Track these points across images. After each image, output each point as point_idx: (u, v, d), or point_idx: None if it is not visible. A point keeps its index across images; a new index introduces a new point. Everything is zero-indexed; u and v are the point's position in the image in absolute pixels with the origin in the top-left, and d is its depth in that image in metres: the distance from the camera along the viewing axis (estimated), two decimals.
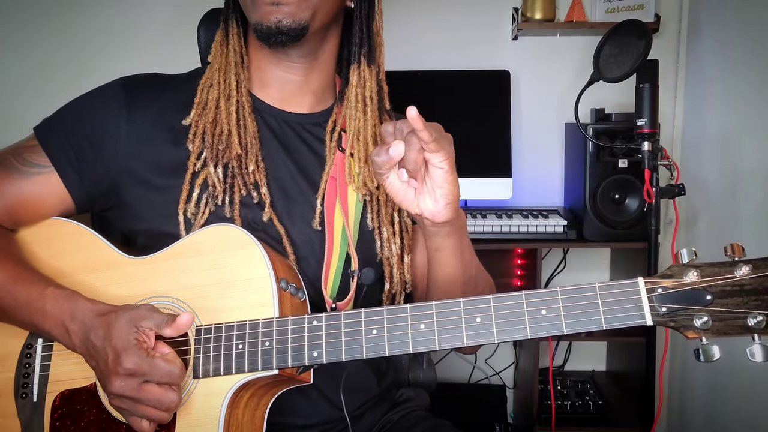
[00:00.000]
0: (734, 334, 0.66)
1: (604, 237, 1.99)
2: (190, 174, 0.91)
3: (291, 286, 0.83)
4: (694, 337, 0.67)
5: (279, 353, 0.78)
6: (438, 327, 0.74)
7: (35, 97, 2.21)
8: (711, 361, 0.66)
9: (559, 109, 2.31)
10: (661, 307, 0.68)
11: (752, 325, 0.65)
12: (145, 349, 0.77)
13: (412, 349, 0.74)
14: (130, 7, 2.29)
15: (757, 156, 1.78)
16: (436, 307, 0.74)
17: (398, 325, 0.75)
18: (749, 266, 0.66)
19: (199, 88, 0.95)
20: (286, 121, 0.98)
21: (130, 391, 0.75)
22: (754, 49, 1.82)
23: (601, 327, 0.69)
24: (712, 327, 0.66)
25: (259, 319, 0.80)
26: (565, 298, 0.70)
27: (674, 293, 0.68)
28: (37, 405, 0.86)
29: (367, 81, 0.97)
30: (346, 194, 0.97)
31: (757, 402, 1.74)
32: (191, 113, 0.93)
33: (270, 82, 0.97)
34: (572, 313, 0.70)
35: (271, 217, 0.92)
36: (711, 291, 0.67)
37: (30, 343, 0.89)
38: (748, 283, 0.65)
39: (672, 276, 0.68)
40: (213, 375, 0.80)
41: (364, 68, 0.97)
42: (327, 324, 0.77)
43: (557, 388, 2.17)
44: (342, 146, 0.98)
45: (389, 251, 0.98)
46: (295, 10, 0.87)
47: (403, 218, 1.01)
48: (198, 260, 0.85)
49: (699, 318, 0.66)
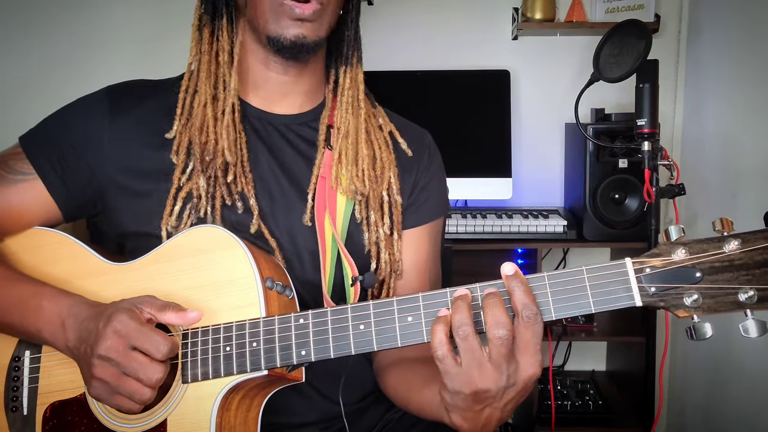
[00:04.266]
0: (726, 310, 0.65)
1: (604, 237, 1.99)
2: (175, 189, 0.90)
3: (277, 285, 0.82)
4: (685, 315, 0.66)
5: (267, 353, 0.77)
6: (425, 319, 0.73)
7: (34, 99, 2.21)
8: (703, 339, 0.65)
9: (559, 109, 2.31)
10: (650, 287, 0.66)
11: (744, 300, 0.64)
12: (138, 316, 0.76)
13: (401, 343, 0.73)
14: (133, 5, 2.29)
15: (757, 156, 1.78)
16: (422, 299, 0.73)
17: (385, 319, 0.74)
18: (738, 240, 0.64)
19: (180, 95, 0.93)
20: (271, 123, 0.97)
21: (115, 353, 0.74)
22: (754, 49, 1.82)
23: (590, 310, 0.68)
24: (702, 304, 0.65)
25: (246, 320, 0.79)
26: (553, 282, 0.69)
27: (663, 272, 0.66)
28: (27, 418, 0.85)
29: (360, 84, 0.98)
30: (335, 197, 0.96)
31: (757, 402, 1.74)
32: (174, 125, 0.92)
33: (260, 83, 0.96)
34: (560, 297, 0.69)
35: (259, 228, 0.91)
36: (700, 268, 0.65)
37: (17, 356, 0.88)
38: (737, 258, 0.64)
39: (660, 255, 0.67)
40: (202, 379, 0.79)
41: (358, 72, 0.98)
42: (314, 321, 0.76)
43: (557, 388, 2.17)
44: (330, 144, 0.98)
45: (376, 234, 0.97)
46: (318, 27, 0.88)
47: (392, 195, 0.99)
48: (182, 263, 0.84)
49: (689, 296, 0.65)
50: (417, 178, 1.03)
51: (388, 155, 0.99)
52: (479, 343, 0.68)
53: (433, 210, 1.05)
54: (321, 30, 0.89)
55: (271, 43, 0.88)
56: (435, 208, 1.05)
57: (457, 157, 2.14)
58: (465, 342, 0.67)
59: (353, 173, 0.95)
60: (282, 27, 0.87)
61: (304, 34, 0.87)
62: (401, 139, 1.02)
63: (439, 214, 1.07)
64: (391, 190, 0.99)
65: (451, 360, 0.68)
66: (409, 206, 1.02)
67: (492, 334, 0.66)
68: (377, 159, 0.98)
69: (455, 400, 0.70)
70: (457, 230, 1.98)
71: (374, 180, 0.97)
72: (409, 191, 1.03)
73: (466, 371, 0.68)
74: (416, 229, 1.03)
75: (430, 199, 1.04)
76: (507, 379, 0.68)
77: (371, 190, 0.96)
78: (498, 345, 0.66)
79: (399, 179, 1.00)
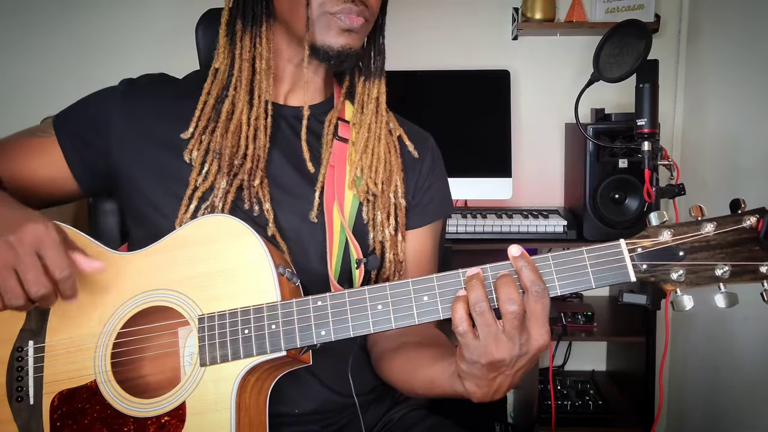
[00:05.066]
0: (705, 284, 0.74)
1: (604, 237, 1.98)
2: (191, 189, 0.92)
3: (287, 271, 0.84)
4: (671, 289, 0.74)
5: (286, 335, 0.80)
6: (441, 297, 0.77)
7: (34, 97, 2.21)
8: (683, 310, 0.73)
9: (559, 109, 2.31)
10: (642, 264, 0.75)
11: (719, 275, 0.73)
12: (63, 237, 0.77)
13: (418, 320, 0.77)
14: (132, 5, 2.29)
15: (757, 156, 1.78)
16: (437, 279, 0.78)
17: (402, 299, 0.78)
18: (714, 224, 0.74)
19: (202, 98, 0.95)
20: (282, 115, 0.99)
21: (21, 246, 0.74)
22: (754, 48, 1.82)
23: (591, 286, 0.75)
24: (686, 279, 0.74)
25: (263, 304, 0.81)
26: (557, 262, 0.76)
27: (652, 251, 0.75)
28: (34, 408, 0.86)
29: (382, 94, 1.02)
30: (343, 186, 0.98)
31: (757, 402, 1.74)
32: (190, 128, 0.94)
33: (282, 78, 0.99)
34: (564, 275, 0.76)
35: (274, 234, 0.93)
36: (683, 248, 0.74)
37: (20, 346, 0.88)
38: (713, 239, 0.74)
39: (649, 236, 0.76)
40: (221, 361, 0.81)
41: (383, 80, 1.02)
42: (332, 303, 0.79)
43: (557, 388, 2.17)
44: (339, 135, 1.00)
45: (382, 234, 1.00)
46: (362, 37, 0.94)
47: (398, 198, 1.01)
48: (192, 252, 0.85)
49: (675, 272, 0.74)
50: (420, 180, 1.05)
51: (396, 159, 1.02)
52: (494, 318, 0.73)
53: (436, 211, 1.07)
54: (363, 39, 0.95)
55: (317, 52, 0.92)
56: (438, 210, 1.08)
57: (457, 157, 2.13)
58: (481, 317, 0.73)
59: (367, 175, 0.98)
60: (330, 37, 0.91)
61: (351, 44, 0.91)
62: (409, 142, 1.05)
63: (441, 215, 1.10)
64: (397, 193, 1.01)
65: (471, 334, 0.73)
66: (412, 207, 1.04)
67: (505, 309, 0.72)
68: (387, 162, 1.01)
69: (472, 369, 0.75)
70: (457, 230, 1.98)
71: (386, 182, 1.00)
72: (412, 192, 1.04)
73: (483, 343, 0.73)
74: (419, 229, 1.05)
75: (433, 200, 1.06)
76: (520, 348, 0.73)
77: (381, 192, 0.99)
78: (511, 319, 0.72)
79: (404, 182, 1.02)
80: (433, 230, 1.08)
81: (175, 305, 0.84)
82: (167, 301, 0.84)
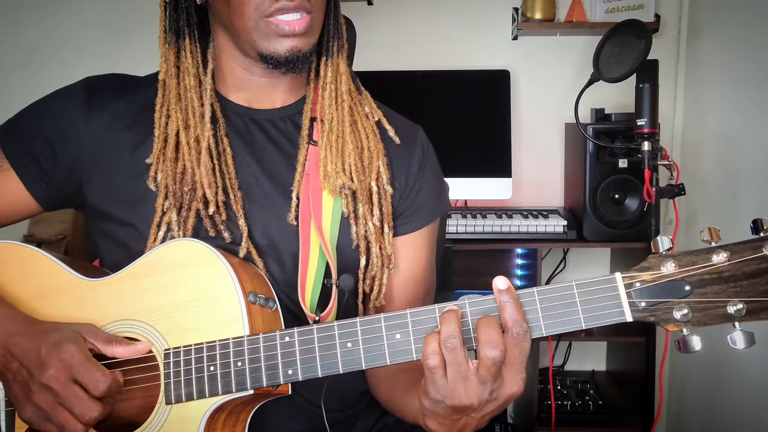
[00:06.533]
0: (715, 323, 0.65)
1: (604, 237, 1.99)
2: (158, 216, 0.87)
3: (260, 298, 0.80)
4: (675, 329, 0.66)
5: (252, 373, 0.75)
6: (414, 336, 0.71)
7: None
8: (692, 352, 0.65)
9: (559, 109, 2.31)
10: (641, 302, 0.66)
11: (732, 312, 0.64)
12: (84, 348, 0.75)
13: (390, 361, 0.72)
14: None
15: (757, 156, 1.78)
16: (410, 315, 0.72)
17: (373, 337, 0.72)
18: (726, 252, 0.64)
19: (156, 115, 0.89)
20: (253, 119, 0.94)
21: (57, 383, 0.73)
22: (754, 49, 1.82)
23: (581, 326, 0.67)
24: (692, 318, 0.65)
25: (229, 339, 0.77)
26: (543, 298, 0.68)
27: (653, 286, 0.66)
28: None
29: (342, 75, 0.93)
30: (320, 196, 0.92)
31: (757, 402, 1.74)
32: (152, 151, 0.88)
33: (241, 86, 0.93)
34: (550, 314, 0.68)
35: (249, 251, 0.88)
36: (689, 281, 0.65)
37: None
38: (726, 269, 0.64)
39: (650, 268, 0.66)
40: (186, 400, 0.77)
41: (339, 62, 0.93)
42: (300, 339, 0.74)
43: (557, 388, 2.17)
44: (313, 139, 0.94)
45: (365, 227, 0.92)
46: (310, 36, 0.86)
47: (382, 186, 0.94)
48: (160, 279, 0.81)
49: (679, 310, 0.65)
50: (409, 180, 0.98)
51: (376, 144, 0.94)
52: (465, 357, 0.67)
53: (430, 212, 1.00)
54: (313, 37, 0.87)
55: (266, 60, 0.85)
56: (432, 210, 1.01)
57: (457, 157, 2.14)
58: (452, 354, 0.66)
59: (338, 168, 0.91)
60: (273, 44, 0.84)
61: (298, 47, 0.84)
62: (389, 126, 0.97)
63: (436, 215, 1.02)
64: (381, 180, 0.94)
65: (441, 371, 0.67)
66: (404, 211, 0.98)
67: (484, 353, 0.65)
68: (365, 149, 0.94)
69: (435, 408, 0.70)
70: (457, 230, 1.98)
71: (362, 172, 0.92)
72: (401, 191, 0.97)
73: (451, 384, 0.67)
74: (413, 234, 0.99)
75: (427, 201, 1.00)
76: (490, 394, 0.68)
77: (359, 182, 0.92)
78: (489, 364, 0.66)
79: (389, 168, 0.95)
80: (429, 234, 1.01)
81: (142, 338, 0.80)
82: (134, 333, 0.81)
